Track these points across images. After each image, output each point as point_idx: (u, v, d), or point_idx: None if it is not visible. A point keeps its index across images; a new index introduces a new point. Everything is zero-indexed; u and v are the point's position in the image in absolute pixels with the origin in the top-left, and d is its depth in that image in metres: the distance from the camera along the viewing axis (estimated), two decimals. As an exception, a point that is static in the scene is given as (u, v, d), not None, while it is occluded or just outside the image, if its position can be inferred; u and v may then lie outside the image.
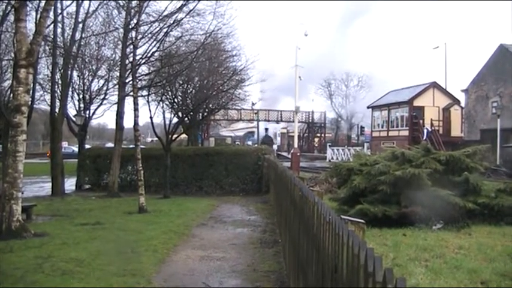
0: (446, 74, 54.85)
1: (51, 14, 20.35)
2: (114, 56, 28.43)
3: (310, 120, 69.69)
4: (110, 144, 38.93)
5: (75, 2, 23.97)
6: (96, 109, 29.82)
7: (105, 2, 24.07)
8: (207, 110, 32.93)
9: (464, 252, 10.43)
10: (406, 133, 45.16)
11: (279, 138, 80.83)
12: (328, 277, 3.63)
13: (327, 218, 3.83)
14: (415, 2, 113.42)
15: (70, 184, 25.87)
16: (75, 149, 37.75)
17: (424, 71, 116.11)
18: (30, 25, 18.79)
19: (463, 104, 46.29)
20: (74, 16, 24.15)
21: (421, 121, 43.99)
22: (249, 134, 79.95)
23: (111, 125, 54.71)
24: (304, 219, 5.48)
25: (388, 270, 2.17)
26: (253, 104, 55.20)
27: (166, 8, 19.46)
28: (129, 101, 24.89)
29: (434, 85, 46.64)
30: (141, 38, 19.12)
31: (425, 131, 41.89)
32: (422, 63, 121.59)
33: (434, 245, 11.01)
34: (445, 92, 47.27)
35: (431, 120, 43.63)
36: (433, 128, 42.66)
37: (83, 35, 25.09)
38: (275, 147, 50.43)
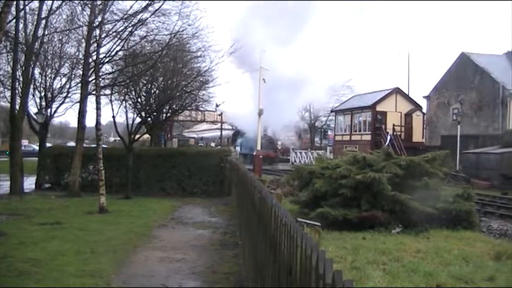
0: (409, 80, 55.87)
1: (13, 9, 19.97)
2: (77, 54, 28.03)
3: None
4: (72, 143, 38.34)
5: (38, -2, 23.55)
6: (58, 107, 29.25)
7: (69, -2, 23.72)
8: (170, 111, 32.77)
9: (421, 256, 10.66)
10: (369, 138, 45.70)
11: None
12: (283, 279, 3.66)
13: (283, 220, 3.86)
14: (379, 6, 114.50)
15: (30, 183, 25.38)
16: (36, 147, 37.09)
17: (387, 77, 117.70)
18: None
19: (425, 110, 47.18)
20: (36, 12, 23.73)
21: (383, 126, 44.53)
22: (238, 134, 60.28)
23: (73, 123, 53.88)
24: (263, 222, 5.51)
25: (336, 273, 2.21)
26: (217, 106, 54.93)
27: (131, 7, 19.31)
28: (91, 100, 24.40)
29: (397, 91, 47.34)
30: (105, 37, 18.91)
31: (388, 136, 42.39)
32: (386, 69, 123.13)
33: (392, 249, 11.21)
34: (407, 98, 48.00)
35: (394, 125, 44.19)
36: (395, 133, 43.21)
37: (46, 32, 24.66)
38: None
